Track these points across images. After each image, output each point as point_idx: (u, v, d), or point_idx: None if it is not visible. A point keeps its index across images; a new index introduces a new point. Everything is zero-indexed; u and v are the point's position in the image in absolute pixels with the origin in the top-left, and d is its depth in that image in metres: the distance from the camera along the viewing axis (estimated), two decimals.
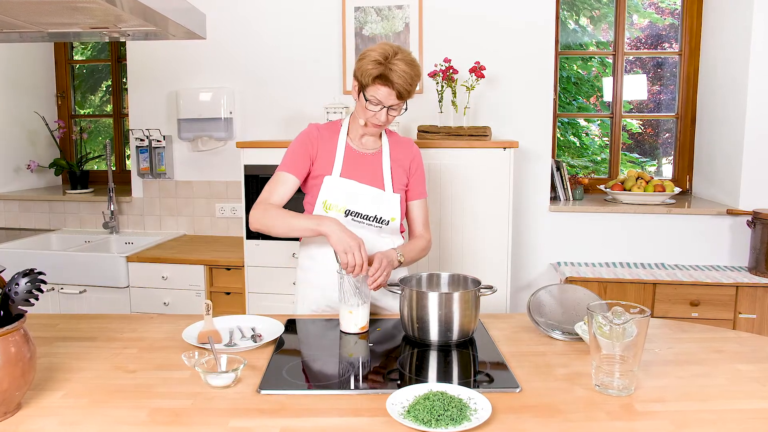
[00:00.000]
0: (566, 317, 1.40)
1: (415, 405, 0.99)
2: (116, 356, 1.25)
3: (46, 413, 1.00)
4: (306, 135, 1.60)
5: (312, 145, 1.59)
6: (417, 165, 1.68)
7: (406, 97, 1.50)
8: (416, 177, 1.68)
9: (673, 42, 3.08)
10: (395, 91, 1.47)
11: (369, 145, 1.64)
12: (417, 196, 1.68)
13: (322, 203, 1.56)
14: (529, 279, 2.86)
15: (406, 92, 1.48)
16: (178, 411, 1.01)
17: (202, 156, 3.00)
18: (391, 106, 1.51)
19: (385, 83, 1.47)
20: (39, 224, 3.20)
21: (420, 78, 1.52)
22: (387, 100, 1.49)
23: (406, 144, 1.69)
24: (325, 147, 1.60)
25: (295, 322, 1.50)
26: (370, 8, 2.75)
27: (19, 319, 0.99)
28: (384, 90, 1.48)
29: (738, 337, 1.38)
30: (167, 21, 1.31)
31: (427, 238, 1.69)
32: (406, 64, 1.46)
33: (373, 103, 1.50)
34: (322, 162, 1.58)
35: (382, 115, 1.52)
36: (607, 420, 0.98)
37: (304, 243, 1.66)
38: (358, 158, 1.61)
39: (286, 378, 1.15)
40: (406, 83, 1.47)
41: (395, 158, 1.64)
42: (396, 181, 1.62)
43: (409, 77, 1.46)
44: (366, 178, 1.59)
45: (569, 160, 3.31)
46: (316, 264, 1.62)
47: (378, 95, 1.49)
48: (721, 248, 2.70)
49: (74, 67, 3.52)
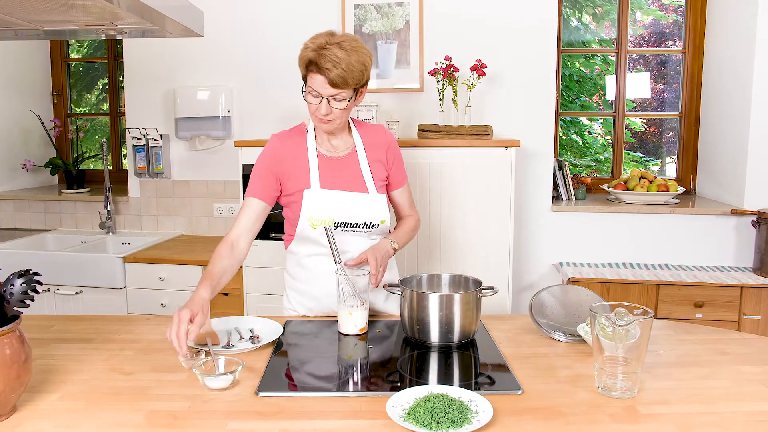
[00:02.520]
0: (569, 318, 1.39)
1: (415, 407, 0.98)
2: (113, 358, 1.25)
3: (42, 416, 1.00)
4: (268, 152, 1.50)
5: (276, 163, 1.49)
6: (393, 153, 1.57)
7: (343, 85, 1.37)
8: (395, 166, 1.58)
9: (676, 39, 3.06)
10: (327, 78, 1.35)
11: (341, 147, 1.53)
12: (398, 185, 1.61)
13: (308, 219, 1.46)
14: (531, 280, 2.85)
15: (340, 80, 1.35)
16: (176, 414, 1.00)
17: (200, 155, 2.99)
18: (332, 96, 1.39)
19: (318, 70, 1.36)
20: (35, 224, 3.18)
21: (364, 65, 1.39)
22: (323, 89, 1.38)
23: (378, 132, 1.58)
24: (293, 159, 1.49)
25: (294, 323, 1.49)
26: (370, 5, 2.73)
27: (15, 321, 0.98)
28: (318, 78, 1.37)
29: (743, 339, 1.37)
30: (164, 18, 1.30)
31: (415, 218, 1.64)
32: (341, 50, 1.35)
33: (311, 94, 1.40)
34: (296, 176, 1.48)
35: (323, 107, 1.40)
36: (610, 423, 0.97)
37: (291, 250, 1.58)
38: (334, 164, 1.51)
39: (285, 380, 1.14)
40: (340, 69, 1.34)
41: (371, 154, 1.54)
42: (377, 180, 1.53)
43: (344, 63, 1.34)
44: (347, 184, 1.49)
45: (572, 160, 3.29)
46: (305, 272, 1.56)
47: (314, 85, 1.38)
48: (725, 249, 2.68)
49: (70, 65, 3.50)
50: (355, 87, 1.41)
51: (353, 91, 1.42)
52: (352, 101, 1.43)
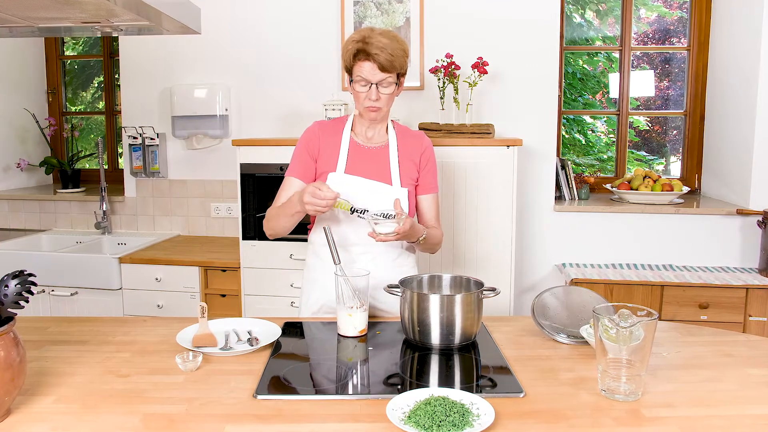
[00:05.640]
0: (571, 320, 1.39)
1: (416, 410, 0.97)
2: (108, 360, 1.24)
3: (37, 419, 0.99)
4: (307, 134, 1.61)
5: (313, 144, 1.59)
6: (428, 158, 1.64)
7: (391, 69, 1.48)
8: (427, 170, 1.64)
9: (681, 37, 3.03)
10: (377, 63, 1.46)
11: (375, 140, 1.62)
12: (428, 191, 1.65)
13: None
14: (534, 281, 2.83)
15: (389, 63, 1.46)
16: (172, 416, 0.99)
17: (197, 154, 2.98)
18: (380, 82, 1.49)
19: (366, 57, 1.47)
20: (29, 224, 3.17)
21: (406, 53, 1.51)
22: (372, 75, 1.48)
23: (416, 136, 1.66)
24: (328, 143, 1.58)
25: (293, 325, 1.48)
26: (370, 2, 2.72)
27: (9, 322, 0.98)
28: (367, 65, 1.48)
29: (748, 341, 1.36)
30: (161, 15, 1.29)
31: (441, 231, 1.68)
32: (385, 37, 1.47)
33: (360, 83, 1.50)
34: (326, 159, 1.57)
35: (372, 94, 1.50)
36: (614, 426, 0.97)
37: (311, 241, 1.66)
38: (364, 153, 1.59)
39: (283, 383, 1.13)
40: (387, 54, 1.45)
41: (404, 151, 1.61)
42: (404, 176, 1.59)
43: (390, 48, 1.46)
44: (372, 173, 1.56)
45: (574, 159, 3.27)
46: (322, 263, 1.60)
47: (362, 73, 1.48)
48: (730, 249, 2.67)
49: (65, 63, 3.48)
50: (398, 73, 1.52)
51: (396, 78, 1.52)
52: (396, 89, 1.54)
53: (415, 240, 1.54)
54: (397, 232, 1.41)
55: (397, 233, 1.41)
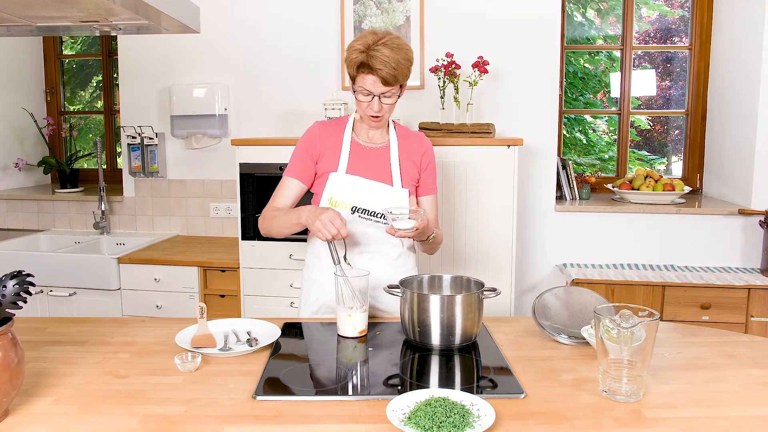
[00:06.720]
0: (572, 321, 1.38)
1: (416, 411, 0.97)
2: (107, 361, 1.23)
3: (35, 420, 0.99)
4: (308, 134, 1.61)
5: (313, 145, 1.59)
6: (428, 160, 1.65)
7: (394, 82, 1.47)
8: (427, 172, 1.65)
9: (683, 36, 3.03)
10: (380, 77, 1.45)
11: (376, 140, 1.62)
12: (427, 192, 1.66)
13: (328, 200, 1.55)
14: (534, 281, 2.82)
15: (392, 77, 1.45)
16: (171, 418, 0.99)
17: (196, 154, 2.97)
18: (383, 93, 1.49)
19: (369, 71, 1.45)
20: (27, 224, 3.16)
21: (410, 62, 1.49)
22: (375, 88, 1.47)
23: (417, 138, 1.67)
24: (330, 144, 1.59)
25: (292, 325, 1.48)
26: (370, 1, 2.71)
27: (7, 323, 0.97)
28: (370, 78, 1.46)
29: (750, 341, 1.36)
30: (160, 14, 1.29)
31: (442, 233, 1.69)
32: (389, 49, 1.43)
33: (362, 93, 1.49)
34: (327, 159, 1.58)
35: (374, 105, 1.50)
36: (615, 427, 0.97)
37: (310, 242, 1.66)
38: (365, 153, 1.59)
39: (283, 383, 1.13)
40: (390, 68, 1.44)
41: (404, 152, 1.62)
42: (405, 176, 1.60)
43: (393, 62, 1.43)
44: (373, 173, 1.57)
45: (575, 158, 3.26)
46: (322, 263, 1.60)
47: (365, 85, 1.48)
48: (732, 249, 2.66)
49: (64, 62, 3.48)
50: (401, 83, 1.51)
51: (399, 87, 1.52)
52: (398, 96, 1.54)
53: (425, 238, 1.55)
54: (416, 227, 1.41)
55: (416, 229, 1.41)
